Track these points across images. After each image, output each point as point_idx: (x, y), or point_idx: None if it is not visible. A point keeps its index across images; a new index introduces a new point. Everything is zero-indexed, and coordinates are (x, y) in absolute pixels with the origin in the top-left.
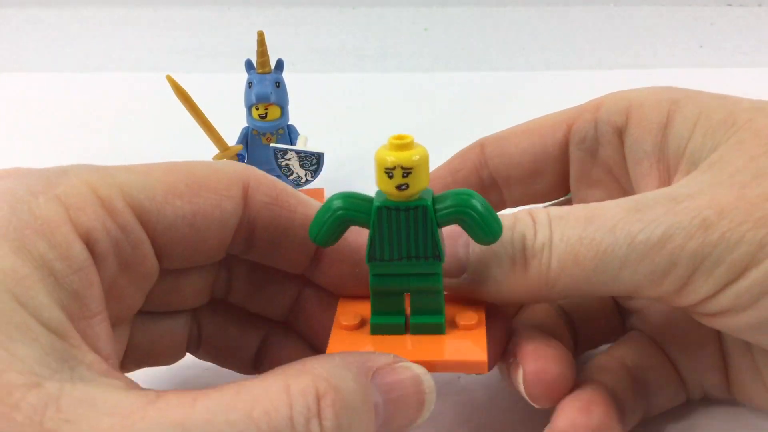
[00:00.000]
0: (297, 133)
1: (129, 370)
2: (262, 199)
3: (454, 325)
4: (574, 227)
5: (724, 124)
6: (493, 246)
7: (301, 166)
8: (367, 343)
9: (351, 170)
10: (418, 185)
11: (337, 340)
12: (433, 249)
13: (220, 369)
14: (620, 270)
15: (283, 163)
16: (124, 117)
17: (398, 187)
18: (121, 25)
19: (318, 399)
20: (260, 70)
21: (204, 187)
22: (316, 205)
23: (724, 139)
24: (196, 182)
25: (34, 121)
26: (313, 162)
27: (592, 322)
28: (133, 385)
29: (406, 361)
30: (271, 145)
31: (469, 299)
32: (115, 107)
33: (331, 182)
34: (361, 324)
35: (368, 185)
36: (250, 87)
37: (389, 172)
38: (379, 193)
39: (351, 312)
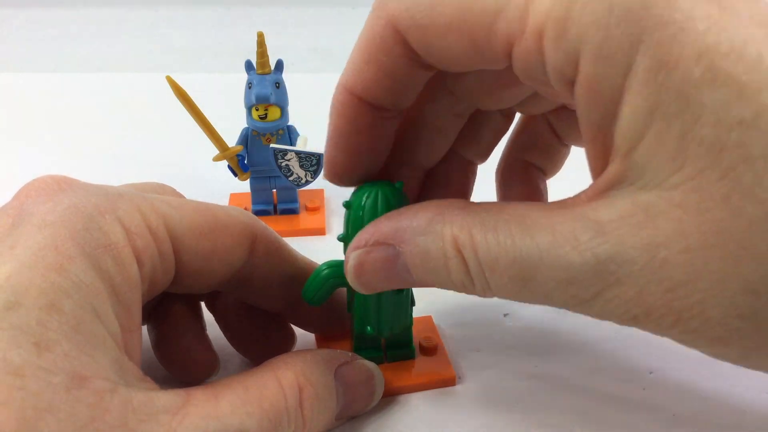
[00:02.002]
0: (297, 134)
1: None
2: (263, 251)
3: (419, 347)
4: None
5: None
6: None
7: (301, 166)
8: None
9: None
10: None
11: None
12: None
13: None
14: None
15: (283, 164)
16: (124, 117)
17: None
18: (121, 25)
19: (300, 391)
20: (260, 71)
21: (223, 231)
22: (302, 257)
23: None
24: (218, 226)
25: (34, 121)
26: (313, 162)
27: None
28: (159, 387)
29: (361, 358)
30: (271, 145)
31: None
32: (115, 107)
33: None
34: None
35: None
36: (249, 88)
37: None
38: None
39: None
